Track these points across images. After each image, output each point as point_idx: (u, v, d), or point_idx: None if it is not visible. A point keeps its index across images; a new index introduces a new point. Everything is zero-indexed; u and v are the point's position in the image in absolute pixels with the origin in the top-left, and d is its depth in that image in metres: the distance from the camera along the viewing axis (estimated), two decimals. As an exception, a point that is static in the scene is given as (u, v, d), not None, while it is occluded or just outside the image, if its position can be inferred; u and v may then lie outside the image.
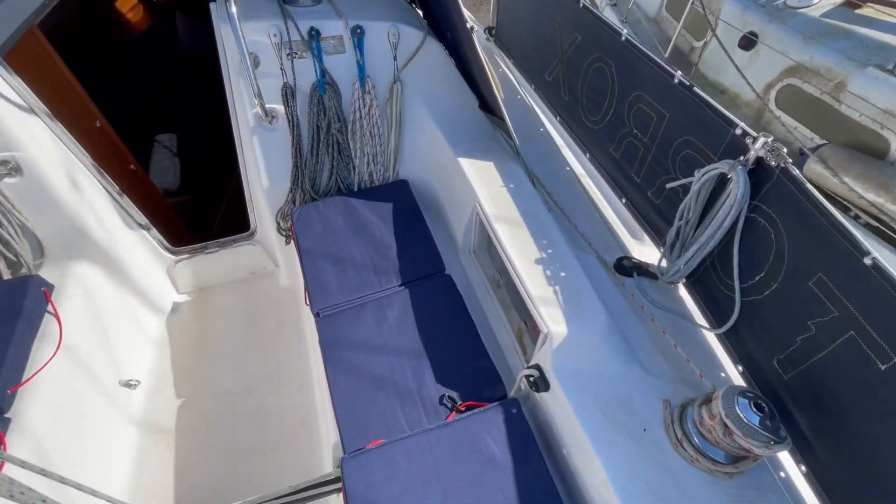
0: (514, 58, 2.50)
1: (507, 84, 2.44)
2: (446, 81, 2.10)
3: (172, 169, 3.83)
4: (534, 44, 2.25)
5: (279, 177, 2.10)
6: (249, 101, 1.93)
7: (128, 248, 2.18)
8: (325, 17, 1.90)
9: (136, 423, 1.99)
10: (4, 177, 1.80)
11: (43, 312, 1.80)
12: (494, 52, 2.72)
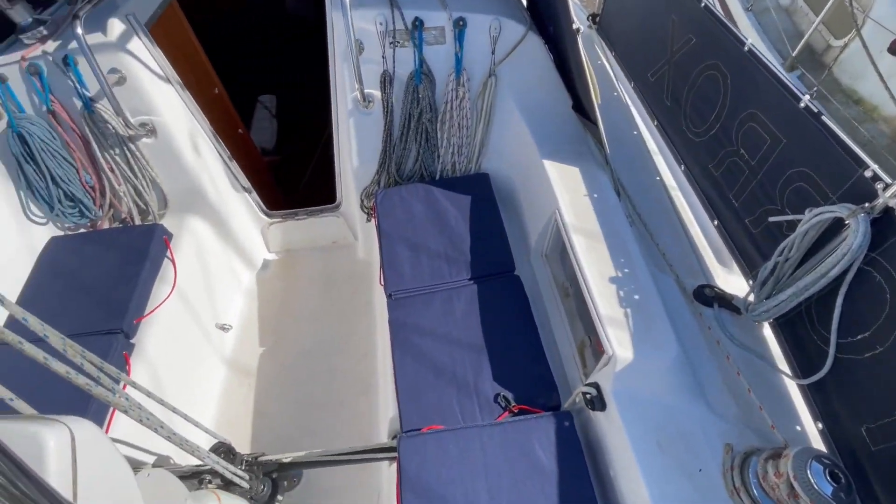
0: (617, 50, 2.37)
1: (603, 78, 2.34)
2: (542, 78, 2.05)
3: (270, 129, 4.13)
4: (641, 39, 2.12)
5: (368, 158, 2.21)
6: (350, 85, 2.03)
7: (233, 207, 2.43)
8: (430, 7, 1.93)
9: (226, 363, 2.28)
10: (143, 137, 2.08)
11: (163, 257, 2.09)
12: (595, 41, 2.60)
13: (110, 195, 2.13)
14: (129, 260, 1.99)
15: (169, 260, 2.10)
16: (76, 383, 0.95)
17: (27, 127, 1.91)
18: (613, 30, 2.51)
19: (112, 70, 1.90)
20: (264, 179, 3.04)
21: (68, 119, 1.96)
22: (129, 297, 1.88)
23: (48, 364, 0.89)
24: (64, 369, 0.92)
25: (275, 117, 4.22)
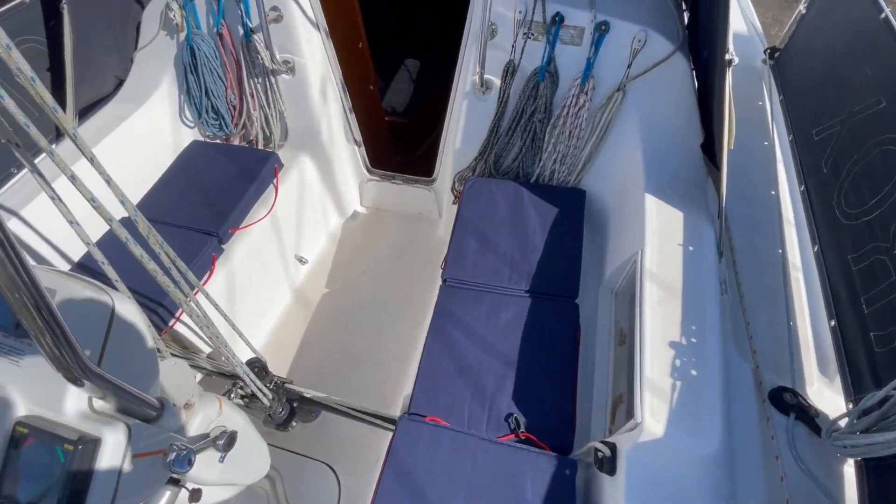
0: (786, 94, 2.05)
1: (757, 121, 2.04)
2: (676, 106, 1.85)
3: (405, 92, 4.30)
4: (819, 88, 1.79)
5: (471, 143, 2.20)
6: (473, 67, 2.02)
7: (341, 155, 2.61)
8: (575, 4, 1.82)
9: (292, 292, 2.50)
10: (283, 73, 2.30)
11: (270, 182, 2.33)
12: (765, 78, 2.26)
13: (245, 117, 2.41)
14: (243, 176, 2.25)
15: (274, 186, 2.34)
16: (159, 281, 1.12)
17: (198, 43, 2.22)
18: (791, 70, 2.16)
19: (273, 7, 2.12)
20: (379, 137, 3.20)
21: (230, 43, 2.23)
22: (232, 208, 2.13)
23: (143, 261, 1.07)
24: (153, 267, 1.09)
25: (413, 81, 4.38)
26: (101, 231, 1.24)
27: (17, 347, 0.75)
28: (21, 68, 0.79)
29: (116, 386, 0.75)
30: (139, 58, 2.37)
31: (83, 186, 0.98)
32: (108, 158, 1.03)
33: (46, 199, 1.09)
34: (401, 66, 4.35)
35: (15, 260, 0.55)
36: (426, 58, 4.30)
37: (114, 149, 2.14)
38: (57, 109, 0.86)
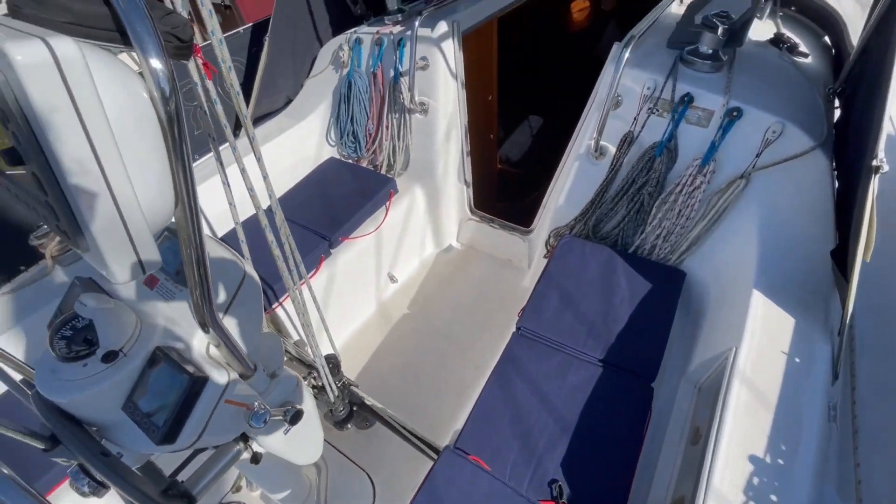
0: None
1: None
2: (808, 205, 1.71)
3: (523, 145, 4.49)
4: None
5: (574, 203, 2.24)
6: (592, 132, 2.09)
7: (449, 193, 2.81)
8: (708, 87, 1.81)
9: (377, 304, 2.70)
10: (417, 112, 2.58)
11: (383, 204, 2.59)
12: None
13: (377, 145, 2.73)
14: (362, 194, 2.53)
15: (385, 208, 2.59)
16: (279, 266, 1.34)
17: (356, 78, 2.60)
18: None
19: (422, 57, 2.42)
20: (488, 182, 3.38)
21: (381, 82, 2.58)
22: (347, 220, 2.40)
23: (272, 246, 1.30)
24: (278, 253, 1.32)
25: (531, 137, 4.57)
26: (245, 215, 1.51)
27: (171, 290, 0.96)
28: (233, 83, 1.05)
29: (229, 340, 0.92)
30: (308, 84, 2.85)
31: (247, 177, 1.23)
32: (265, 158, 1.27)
33: (216, 180, 1.37)
34: (524, 120, 4.56)
35: (194, 224, 0.74)
36: (548, 117, 4.46)
37: (270, 152, 2.56)
38: (246, 117, 1.12)
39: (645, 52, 2.03)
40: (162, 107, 0.68)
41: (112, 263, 0.72)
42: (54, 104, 0.59)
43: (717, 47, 1.86)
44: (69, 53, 0.60)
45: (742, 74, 1.84)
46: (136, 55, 0.68)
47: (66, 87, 0.59)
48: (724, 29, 1.79)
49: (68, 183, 0.65)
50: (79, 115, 0.61)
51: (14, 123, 0.61)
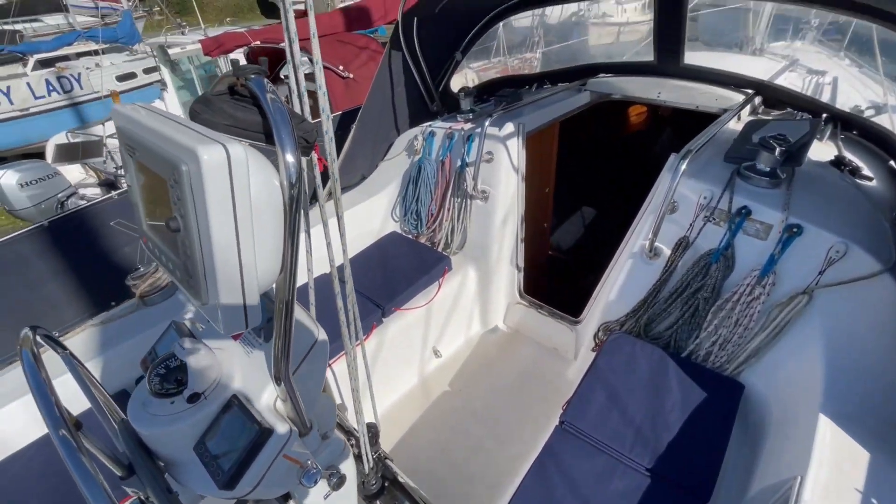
0: None
1: None
2: (878, 330, 1.63)
3: (574, 234, 4.59)
4: None
5: (626, 299, 2.25)
6: (647, 233, 2.15)
7: (500, 275, 2.90)
8: (766, 202, 1.85)
9: (420, 377, 2.72)
10: (478, 199, 2.78)
11: (437, 280, 2.71)
12: None
13: (437, 224, 2.92)
14: (418, 269, 2.68)
15: (438, 284, 2.71)
16: (343, 329, 1.45)
17: (425, 164, 2.88)
18: None
19: (488, 152, 2.66)
20: (539, 267, 3.45)
21: (448, 169, 2.83)
22: (401, 291, 2.53)
23: (339, 307, 1.42)
24: (342, 317, 1.44)
25: (584, 226, 4.68)
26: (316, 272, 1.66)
27: (252, 344, 1.08)
28: (334, 170, 1.24)
29: (295, 396, 1.01)
30: (382, 165, 3.17)
31: (331, 249, 1.38)
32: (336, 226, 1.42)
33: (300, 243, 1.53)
34: (577, 210, 4.70)
35: (291, 289, 0.87)
36: (600, 209, 4.57)
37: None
38: (336, 190, 1.30)
39: (702, 164, 2.12)
40: (287, 191, 0.84)
41: (224, 317, 0.86)
42: (220, 194, 0.76)
43: (774, 166, 1.92)
44: (239, 156, 0.78)
45: (802, 192, 1.88)
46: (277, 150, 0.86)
47: (230, 181, 0.76)
48: (782, 150, 1.86)
49: (209, 251, 0.80)
50: (233, 201, 0.78)
51: (182, 203, 0.79)
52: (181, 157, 0.76)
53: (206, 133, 0.83)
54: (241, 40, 5.38)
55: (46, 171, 5.89)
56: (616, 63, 3.41)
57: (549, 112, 2.94)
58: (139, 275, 2.34)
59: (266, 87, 0.93)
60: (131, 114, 0.96)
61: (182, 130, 0.84)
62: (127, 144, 0.95)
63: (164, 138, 0.83)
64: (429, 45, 2.89)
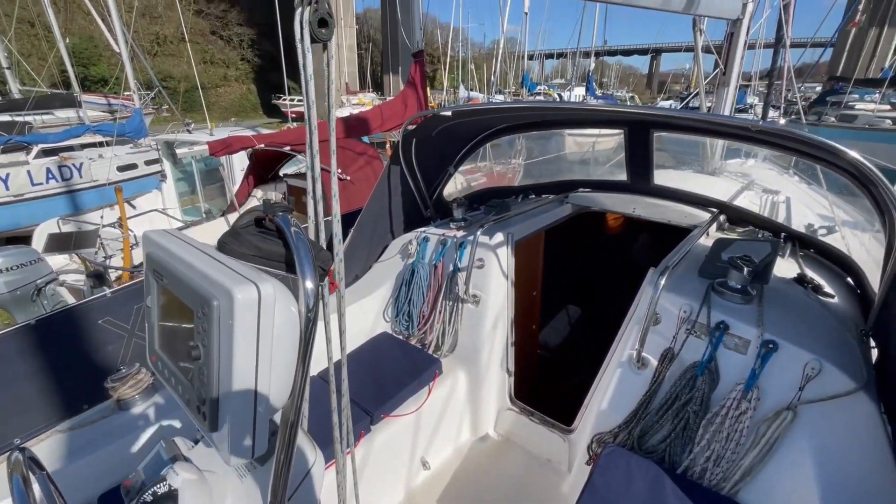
0: None
1: None
2: (862, 448, 1.67)
3: (560, 332, 4.65)
4: None
5: (617, 409, 2.26)
6: (633, 342, 2.23)
7: (491, 379, 2.89)
8: (741, 317, 1.97)
9: (406, 491, 2.56)
10: (469, 303, 2.87)
11: (426, 385, 2.69)
12: None
13: (428, 326, 2.96)
14: (408, 372, 2.66)
15: (429, 388, 2.68)
16: (335, 433, 1.43)
17: (419, 268, 3.00)
18: None
19: (479, 259, 2.81)
20: (528, 368, 3.45)
21: (440, 273, 2.95)
22: (391, 397, 2.49)
23: (333, 411, 1.41)
24: (335, 420, 1.42)
25: (570, 325, 4.76)
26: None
27: (248, 469, 1.06)
28: (340, 270, 1.32)
29: None
30: (376, 267, 3.28)
31: (331, 348, 1.40)
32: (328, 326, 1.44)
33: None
34: (563, 308, 4.82)
35: (297, 414, 0.90)
36: (585, 307, 4.70)
37: (334, 322, 2.84)
38: (340, 287, 1.36)
39: (679, 277, 2.29)
40: (304, 317, 0.91)
41: (232, 445, 0.87)
42: (247, 329, 0.82)
43: (744, 283, 2.09)
44: (268, 293, 0.85)
45: (772, 309, 2.02)
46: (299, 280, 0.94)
47: (258, 318, 0.83)
48: (749, 270, 2.04)
49: (227, 381, 0.84)
50: (258, 335, 0.84)
51: (207, 334, 0.84)
52: (213, 293, 0.83)
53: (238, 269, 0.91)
54: (247, 143, 5.79)
55: (30, 257, 5.85)
56: (595, 180, 3.77)
57: (536, 222, 3.17)
58: (120, 377, 2.27)
59: (291, 222, 1.04)
60: (163, 241, 1.05)
61: (214, 265, 0.92)
62: (155, 270, 1.02)
63: (197, 272, 0.90)
64: (425, 160, 3.18)
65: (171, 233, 1.10)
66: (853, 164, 1.66)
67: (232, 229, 1.09)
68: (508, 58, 37.02)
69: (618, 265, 4.89)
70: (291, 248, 0.97)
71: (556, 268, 3.79)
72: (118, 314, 2.78)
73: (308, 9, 1.09)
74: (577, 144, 10.97)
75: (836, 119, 16.72)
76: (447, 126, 2.92)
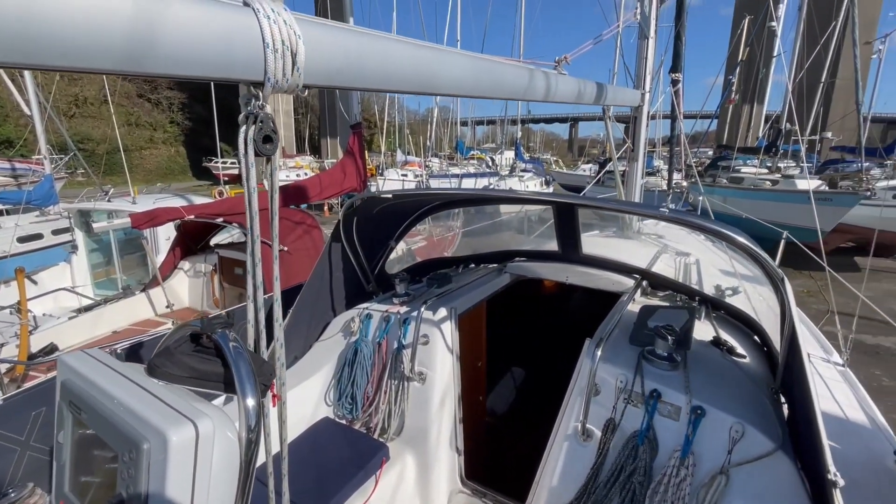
0: None
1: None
2: (788, 499, 1.79)
3: (507, 398, 4.64)
4: None
5: (568, 484, 2.26)
6: (577, 415, 2.29)
7: (440, 460, 2.79)
8: (670, 384, 2.11)
9: None
10: (415, 381, 2.82)
11: (374, 473, 2.54)
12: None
13: (373, 408, 2.85)
14: (354, 462, 2.51)
15: (376, 478, 2.53)
16: None
17: (362, 346, 2.93)
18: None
19: (424, 335, 2.80)
20: (478, 441, 3.37)
21: (384, 351, 2.90)
22: (336, 492, 2.31)
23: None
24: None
25: (516, 388, 4.78)
26: None
27: None
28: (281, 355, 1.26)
29: None
30: (317, 346, 3.16)
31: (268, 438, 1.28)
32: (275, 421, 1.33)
33: None
34: (507, 373, 4.85)
35: None
36: (529, 367, 4.78)
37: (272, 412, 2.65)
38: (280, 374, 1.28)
39: (613, 345, 2.42)
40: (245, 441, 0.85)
41: None
42: (182, 473, 0.76)
43: (670, 351, 2.26)
44: (207, 431, 0.80)
45: (697, 374, 2.19)
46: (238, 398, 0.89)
47: (195, 460, 0.77)
48: (673, 339, 2.22)
49: None
50: (194, 477, 0.78)
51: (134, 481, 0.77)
52: (144, 435, 0.77)
53: (172, 402, 0.85)
54: (174, 214, 5.51)
55: None
56: (530, 251, 3.99)
57: (478, 294, 3.26)
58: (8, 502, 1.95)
59: (230, 338, 1.00)
60: (82, 368, 0.96)
61: (144, 399, 0.86)
62: (72, 402, 0.93)
63: (124, 407, 0.84)
64: (366, 236, 3.21)
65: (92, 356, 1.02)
66: (742, 247, 1.92)
67: (164, 348, 1.03)
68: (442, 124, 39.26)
69: (557, 326, 5.08)
70: (231, 368, 0.93)
71: (498, 335, 3.86)
72: (9, 422, 2.40)
73: (253, 127, 1.12)
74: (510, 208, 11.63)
75: (728, 181, 19.25)
76: (387, 205, 3.00)
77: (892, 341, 8.66)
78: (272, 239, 1.29)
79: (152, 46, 0.90)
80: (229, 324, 1.04)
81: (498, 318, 3.87)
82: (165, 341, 1.04)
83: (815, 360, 3.39)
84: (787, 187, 16.57)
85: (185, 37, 0.94)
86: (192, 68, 1.01)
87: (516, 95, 2.45)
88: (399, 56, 1.63)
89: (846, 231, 13.85)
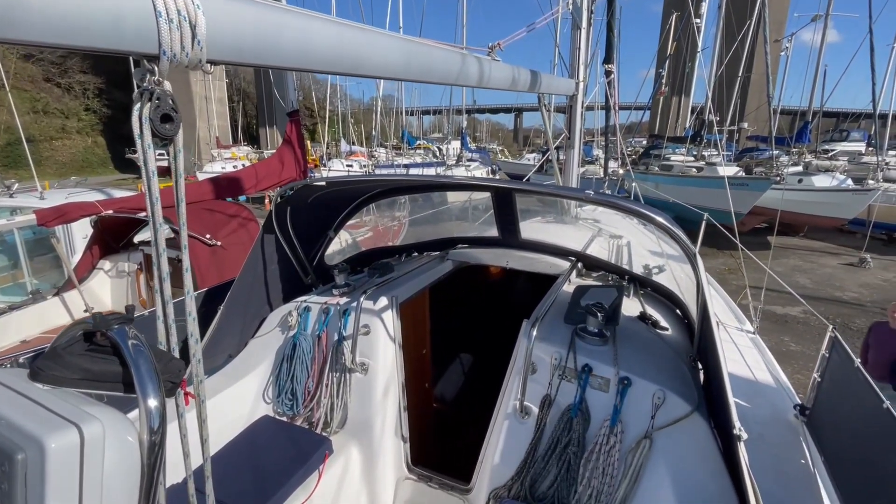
0: (826, 457, 2.12)
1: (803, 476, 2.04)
2: (702, 464, 1.95)
3: (455, 383, 4.70)
4: (853, 459, 1.87)
5: (509, 462, 2.33)
6: (516, 393, 2.35)
7: (385, 449, 2.78)
8: (601, 359, 2.23)
9: None
10: (357, 372, 2.77)
11: (316, 468, 2.48)
12: (802, 433, 2.38)
13: (314, 402, 2.78)
14: (295, 459, 2.43)
15: (318, 473, 2.47)
16: None
17: (301, 340, 2.84)
18: (825, 433, 2.28)
19: (364, 325, 2.76)
20: (425, 429, 3.40)
21: (325, 344, 2.83)
22: (275, 492, 2.24)
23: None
24: None
25: (464, 375, 4.85)
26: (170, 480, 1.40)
27: None
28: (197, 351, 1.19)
29: None
30: (252, 343, 3.02)
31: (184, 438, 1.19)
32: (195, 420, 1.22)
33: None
34: (454, 360, 4.91)
35: None
36: (477, 355, 4.86)
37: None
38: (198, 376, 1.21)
39: (548, 325, 2.51)
40: (147, 445, 0.79)
41: None
42: (65, 486, 0.69)
43: (600, 327, 2.37)
44: (94, 435, 0.73)
45: (624, 348, 2.31)
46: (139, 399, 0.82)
47: (80, 469, 0.71)
48: (602, 316, 2.33)
49: None
50: (80, 490, 0.71)
51: (8, 496, 0.69)
52: (17, 444, 0.70)
53: (54, 406, 0.77)
54: (89, 209, 5.02)
55: None
56: (471, 237, 4.03)
57: (419, 282, 3.25)
58: None
59: (129, 335, 0.92)
60: None
61: (20, 405, 0.77)
62: None
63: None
64: (302, 227, 3.10)
65: None
66: (659, 225, 2.05)
67: (51, 350, 0.93)
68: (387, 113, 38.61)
69: (499, 310, 5.19)
70: (129, 366, 0.86)
71: (443, 323, 3.88)
72: None
73: (148, 104, 1.03)
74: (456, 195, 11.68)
75: (659, 168, 20.50)
76: (323, 193, 2.91)
77: (799, 311, 9.67)
78: (180, 227, 1.20)
79: (19, 7, 0.80)
80: (128, 319, 0.96)
81: (443, 306, 3.89)
82: (53, 342, 0.94)
83: (729, 328, 3.71)
84: (710, 174, 17.94)
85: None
86: (73, 36, 0.90)
87: (449, 80, 2.44)
88: (321, 34, 1.56)
89: (760, 213, 15.25)
